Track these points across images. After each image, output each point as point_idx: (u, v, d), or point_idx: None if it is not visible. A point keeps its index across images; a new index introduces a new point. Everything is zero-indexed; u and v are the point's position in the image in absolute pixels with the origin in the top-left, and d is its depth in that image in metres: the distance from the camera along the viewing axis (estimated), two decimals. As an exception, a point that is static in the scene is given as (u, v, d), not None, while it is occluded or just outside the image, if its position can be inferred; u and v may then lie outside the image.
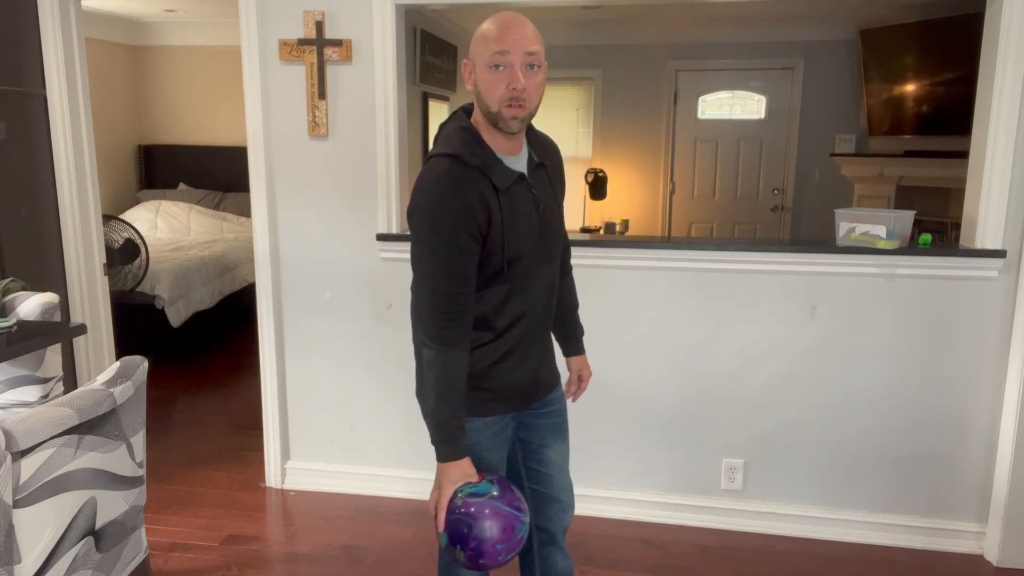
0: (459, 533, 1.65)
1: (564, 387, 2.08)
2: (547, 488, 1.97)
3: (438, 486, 1.70)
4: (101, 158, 5.57)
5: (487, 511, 1.64)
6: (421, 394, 1.85)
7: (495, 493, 1.67)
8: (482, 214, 1.65)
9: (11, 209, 3.28)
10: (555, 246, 1.84)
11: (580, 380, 2.12)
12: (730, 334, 2.97)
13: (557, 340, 2.09)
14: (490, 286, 1.73)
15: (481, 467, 1.81)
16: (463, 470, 1.69)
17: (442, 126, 1.80)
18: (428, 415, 1.71)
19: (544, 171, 1.83)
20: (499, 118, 1.66)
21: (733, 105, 6.81)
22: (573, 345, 2.12)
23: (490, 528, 1.63)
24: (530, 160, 1.79)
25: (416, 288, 1.72)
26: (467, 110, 1.78)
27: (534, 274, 1.78)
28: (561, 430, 1.99)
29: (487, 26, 1.66)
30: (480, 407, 1.81)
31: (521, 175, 1.74)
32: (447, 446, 1.69)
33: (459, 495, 1.66)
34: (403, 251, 3.10)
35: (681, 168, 6.99)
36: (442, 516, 1.69)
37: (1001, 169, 2.70)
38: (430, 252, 1.66)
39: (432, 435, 1.70)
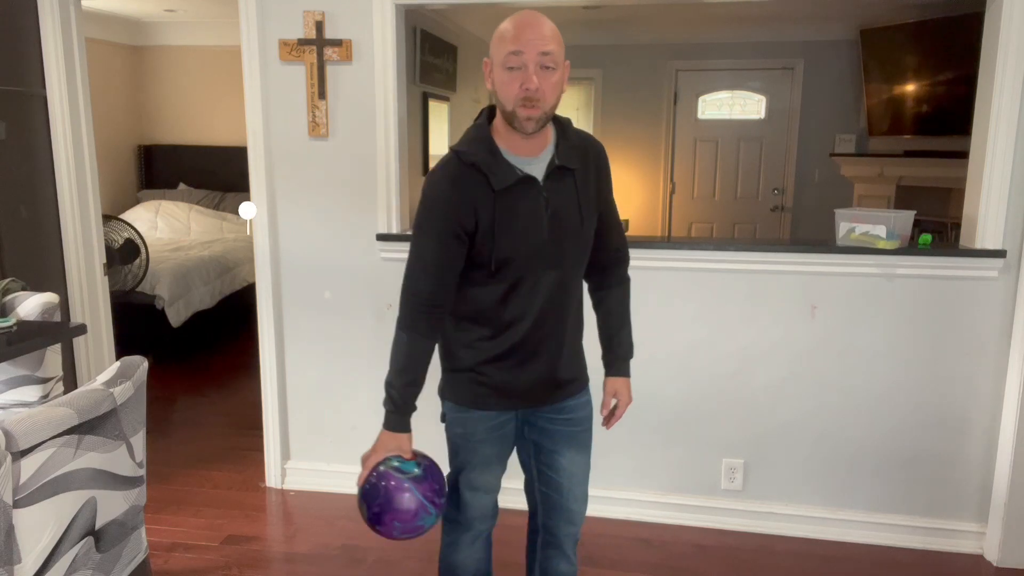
0: (370, 494, 1.78)
1: (601, 407, 2.01)
2: (555, 493, 1.97)
3: (373, 448, 1.82)
4: (101, 158, 5.54)
5: (400, 487, 1.76)
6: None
7: (416, 474, 1.78)
8: (468, 211, 1.69)
9: (11, 209, 3.28)
10: (569, 252, 1.79)
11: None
12: (730, 334, 2.97)
13: (602, 357, 2.02)
14: (486, 284, 1.76)
15: (477, 457, 1.90)
16: (399, 443, 1.81)
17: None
18: (386, 384, 1.82)
19: (571, 175, 1.77)
20: (514, 118, 1.66)
21: (733, 105, 6.81)
22: (613, 365, 2.00)
23: (396, 503, 1.75)
24: (550, 163, 1.75)
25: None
26: (493, 109, 1.78)
27: (535, 277, 1.76)
28: (579, 440, 1.95)
29: (504, 25, 1.66)
30: (479, 400, 1.86)
31: (529, 177, 1.71)
32: (393, 416, 1.81)
33: (386, 462, 1.80)
34: (403, 251, 3.10)
35: (681, 168, 6.99)
36: (364, 473, 1.80)
37: (1001, 169, 2.70)
38: (416, 241, 1.76)
39: (385, 403, 1.81)
